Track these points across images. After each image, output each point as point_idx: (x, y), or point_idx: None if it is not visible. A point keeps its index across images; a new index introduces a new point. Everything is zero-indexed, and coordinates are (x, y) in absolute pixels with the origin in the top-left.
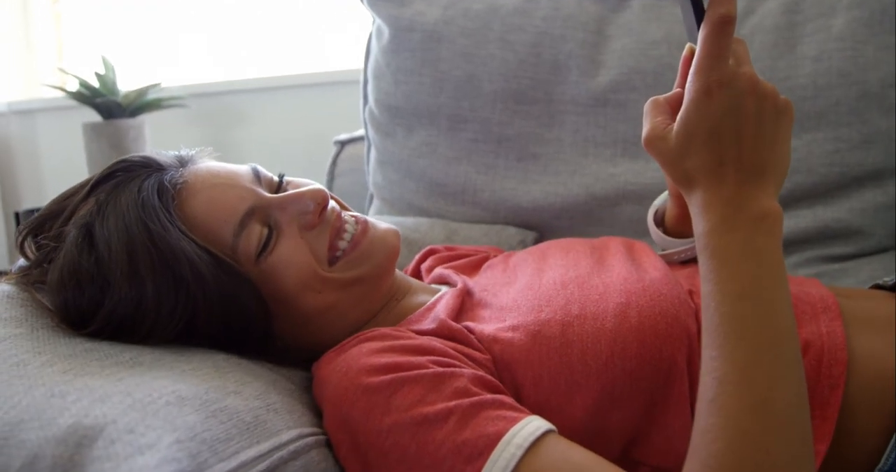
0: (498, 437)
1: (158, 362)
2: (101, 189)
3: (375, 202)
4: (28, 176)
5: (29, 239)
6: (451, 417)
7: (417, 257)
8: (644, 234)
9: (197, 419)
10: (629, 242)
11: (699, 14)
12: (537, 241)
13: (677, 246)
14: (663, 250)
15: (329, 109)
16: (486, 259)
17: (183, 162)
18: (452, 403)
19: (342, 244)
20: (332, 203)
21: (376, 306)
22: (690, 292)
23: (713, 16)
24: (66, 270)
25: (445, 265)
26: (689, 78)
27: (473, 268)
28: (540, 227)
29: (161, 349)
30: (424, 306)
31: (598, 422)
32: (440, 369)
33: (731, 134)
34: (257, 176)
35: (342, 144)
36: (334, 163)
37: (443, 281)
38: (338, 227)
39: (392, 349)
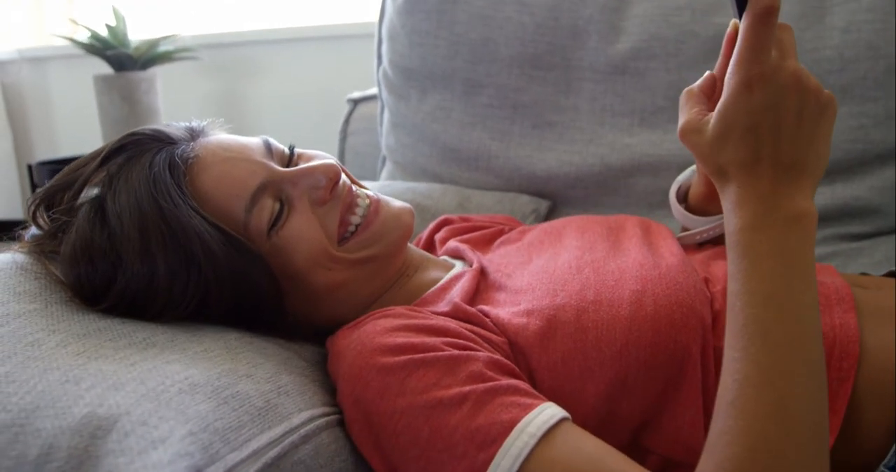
0: (512, 425)
1: (171, 343)
2: (113, 162)
3: (388, 165)
4: (40, 127)
5: (41, 209)
6: (466, 402)
7: (431, 226)
8: (658, 206)
9: (209, 408)
10: (646, 223)
11: None
12: (551, 210)
13: (700, 225)
14: (684, 228)
15: (344, 62)
16: (500, 233)
17: (194, 134)
18: (467, 388)
19: (354, 219)
20: (343, 178)
21: (387, 283)
22: (706, 280)
23: (756, 6)
24: (79, 245)
25: (459, 238)
26: (730, 69)
27: (487, 242)
28: (554, 196)
29: (174, 328)
30: (439, 286)
31: (609, 408)
32: (456, 353)
33: (769, 130)
34: (269, 149)
35: (355, 103)
36: (347, 121)
37: (457, 255)
38: (349, 202)
39: (407, 328)
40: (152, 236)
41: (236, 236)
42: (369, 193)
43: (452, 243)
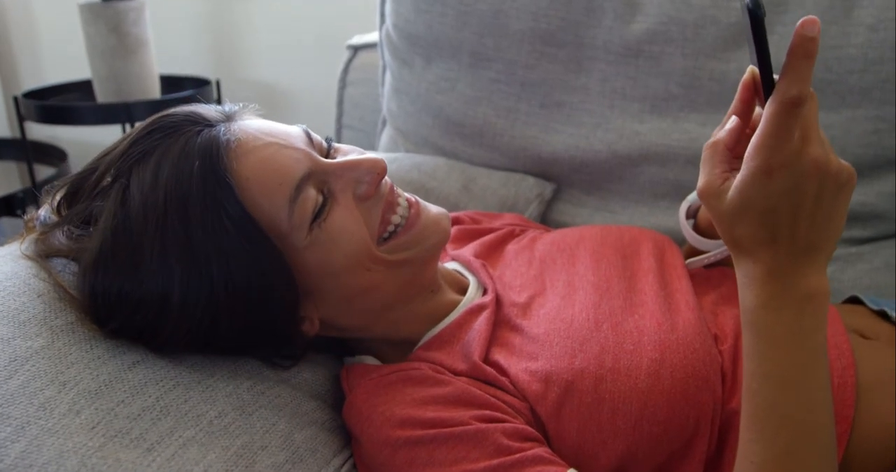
0: None
1: (184, 406)
2: (140, 149)
3: (389, 130)
4: (24, 50)
5: (62, 199)
6: None
7: None
8: (662, 197)
9: None
10: (660, 248)
11: (761, 39)
12: (555, 193)
13: (709, 248)
14: (691, 248)
15: None
16: (510, 235)
17: (229, 117)
18: (496, 461)
19: (395, 219)
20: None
21: (414, 295)
22: (715, 337)
23: (783, 96)
24: (100, 255)
25: (470, 244)
26: (750, 152)
27: (496, 248)
28: (558, 178)
29: (185, 376)
30: (454, 321)
31: None
32: (483, 426)
33: (787, 214)
34: (309, 138)
35: (355, 50)
36: (346, 70)
37: (470, 269)
38: (391, 201)
39: (434, 401)
40: (169, 244)
41: (267, 238)
42: (408, 195)
43: (466, 255)
